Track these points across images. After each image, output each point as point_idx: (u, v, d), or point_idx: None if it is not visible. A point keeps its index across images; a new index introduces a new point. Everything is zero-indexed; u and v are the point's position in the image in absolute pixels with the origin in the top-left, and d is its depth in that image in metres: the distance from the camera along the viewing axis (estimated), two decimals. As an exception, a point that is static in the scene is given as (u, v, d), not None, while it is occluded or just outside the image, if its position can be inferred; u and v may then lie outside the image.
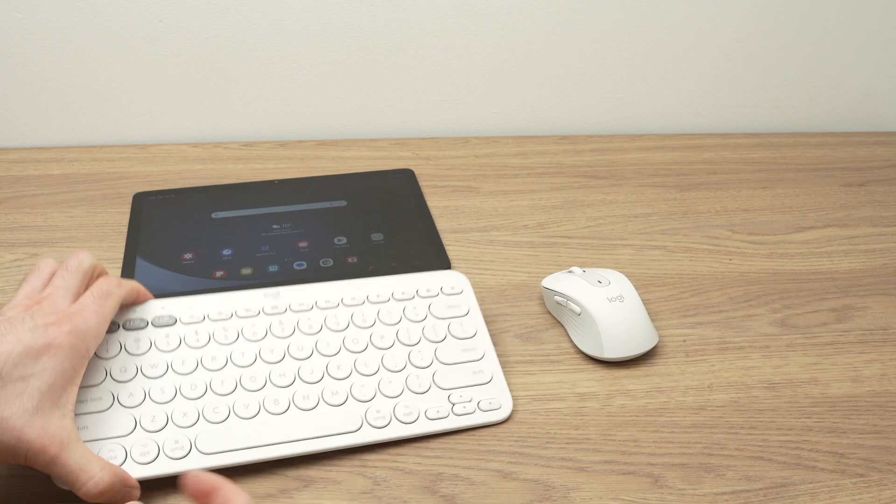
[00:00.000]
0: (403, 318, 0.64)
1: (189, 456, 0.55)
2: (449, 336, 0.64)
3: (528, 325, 0.69)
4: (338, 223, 0.78)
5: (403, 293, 0.65)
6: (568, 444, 0.59)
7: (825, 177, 0.90)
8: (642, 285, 0.73)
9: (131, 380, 0.57)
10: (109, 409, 0.56)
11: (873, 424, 0.61)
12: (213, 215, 0.78)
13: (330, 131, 0.94)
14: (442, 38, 0.89)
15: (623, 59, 0.92)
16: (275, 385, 0.59)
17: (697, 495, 0.56)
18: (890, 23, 0.93)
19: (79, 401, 0.55)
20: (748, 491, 0.56)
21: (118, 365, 0.58)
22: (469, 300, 0.66)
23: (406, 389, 0.60)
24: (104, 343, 0.58)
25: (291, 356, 0.61)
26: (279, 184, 0.84)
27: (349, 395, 0.59)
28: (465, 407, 0.60)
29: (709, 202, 0.85)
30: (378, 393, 0.60)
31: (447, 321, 0.64)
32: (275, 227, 0.77)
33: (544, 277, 0.71)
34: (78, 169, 0.86)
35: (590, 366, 0.65)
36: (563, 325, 0.69)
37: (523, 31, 0.89)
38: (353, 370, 0.61)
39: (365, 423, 0.58)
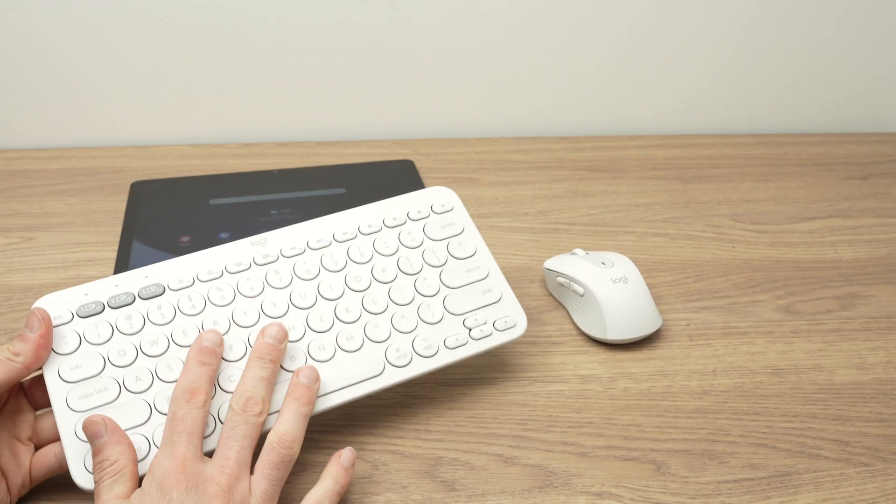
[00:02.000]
0: (401, 247, 0.61)
1: (215, 433, 0.51)
2: (450, 258, 0.61)
3: (530, 306, 0.68)
4: (336, 209, 0.77)
5: (395, 219, 0.62)
6: (570, 427, 0.58)
7: (827, 171, 0.89)
8: (645, 270, 0.72)
9: (133, 362, 0.52)
10: (118, 399, 0.51)
11: (878, 413, 0.60)
12: (211, 201, 0.78)
13: (330, 131, 0.94)
14: (442, 38, 0.89)
15: (623, 59, 0.92)
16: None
17: (700, 483, 0.55)
18: (890, 23, 0.93)
19: (83, 395, 0.51)
20: (752, 479, 0.55)
21: (115, 349, 0.53)
22: (462, 217, 0.63)
23: (420, 322, 0.58)
24: (93, 328, 0.53)
25: (295, 306, 0.57)
26: (278, 173, 0.84)
27: (364, 338, 0.56)
28: (481, 330, 0.58)
29: (711, 193, 0.85)
30: (393, 330, 0.57)
31: (445, 242, 0.61)
32: (273, 212, 0.77)
33: (546, 260, 0.70)
34: (76, 164, 0.86)
35: (592, 348, 0.65)
36: (564, 307, 0.68)
37: (523, 31, 0.89)
38: (363, 310, 0.57)
39: (387, 364, 0.56)
